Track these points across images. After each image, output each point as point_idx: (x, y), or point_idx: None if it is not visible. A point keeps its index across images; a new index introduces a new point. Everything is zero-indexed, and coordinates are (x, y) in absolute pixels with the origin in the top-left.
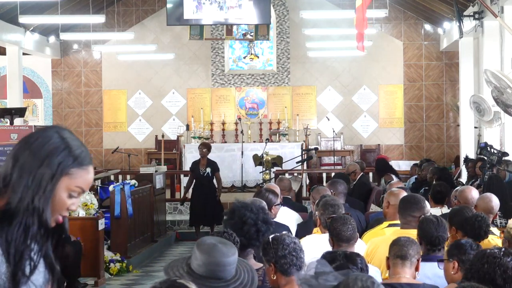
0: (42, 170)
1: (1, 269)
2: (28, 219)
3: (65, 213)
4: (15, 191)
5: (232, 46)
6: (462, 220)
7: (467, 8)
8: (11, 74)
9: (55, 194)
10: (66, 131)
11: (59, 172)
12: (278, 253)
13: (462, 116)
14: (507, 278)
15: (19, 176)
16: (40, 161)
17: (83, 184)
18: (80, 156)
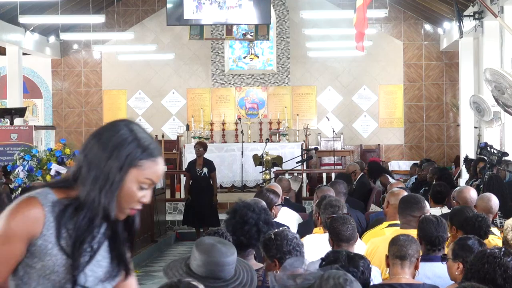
0: (110, 163)
1: (57, 258)
2: (93, 211)
3: (137, 206)
4: (84, 184)
5: (232, 46)
6: (463, 220)
7: (467, 8)
8: (11, 74)
9: (124, 186)
10: (135, 124)
11: (127, 164)
12: (283, 249)
13: (462, 116)
14: (507, 278)
15: (88, 169)
16: (109, 153)
17: (152, 175)
18: (148, 148)
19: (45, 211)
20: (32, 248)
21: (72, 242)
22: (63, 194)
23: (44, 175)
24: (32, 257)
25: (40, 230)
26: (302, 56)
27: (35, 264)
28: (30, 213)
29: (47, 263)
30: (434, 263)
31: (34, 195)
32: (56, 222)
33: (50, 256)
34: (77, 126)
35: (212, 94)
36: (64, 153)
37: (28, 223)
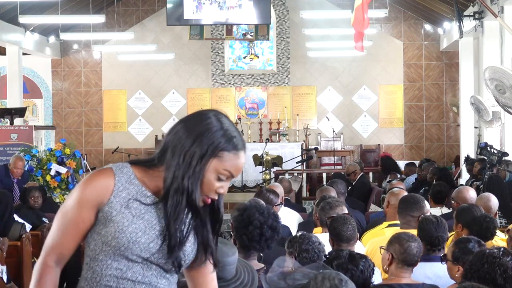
0: (193, 149)
1: (118, 225)
2: (178, 197)
3: (213, 196)
4: (168, 169)
5: (232, 46)
6: (471, 218)
7: (467, 8)
8: (11, 74)
9: (204, 175)
10: (223, 115)
11: (209, 153)
12: (302, 246)
13: (462, 116)
14: (507, 278)
15: (172, 154)
16: (192, 140)
17: (232, 168)
18: (232, 140)
19: (115, 180)
20: (100, 215)
21: (166, 230)
22: (142, 171)
23: (44, 175)
24: (99, 224)
25: (108, 197)
26: (302, 56)
27: (100, 231)
28: (101, 181)
29: (109, 229)
30: (434, 263)
31: (110, 166)
32: (128, 193)
33: (113, 223)
34: (77, 126)
35: (212, 94)
36: (64, 153)
37: (99, 190)
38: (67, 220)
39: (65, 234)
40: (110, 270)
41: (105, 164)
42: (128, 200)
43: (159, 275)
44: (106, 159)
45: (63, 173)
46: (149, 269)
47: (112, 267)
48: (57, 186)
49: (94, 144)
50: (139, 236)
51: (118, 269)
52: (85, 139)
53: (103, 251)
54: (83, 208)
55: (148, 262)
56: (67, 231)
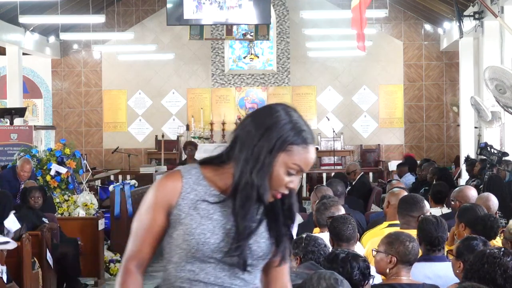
0: (261, 143)
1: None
2: (246, 193)
3: (284, 191)
4: (237, 164)
5: (232, 46)
6: (474, 218)
7: (467, 8)
8: (11, 74)
9: (273, 169)
10: (292, 109)
11: (277, 147)
12: (308, 248)
13: (462, 116)
14: (507, 278)
15: (240, 149)
16: (261, 134)
17: (301, 162)
18: (301, 134)
19: (183, 183)
20: (171, 218)
21: (234, 221)
22: (212, 170)
23: (44, 175)
24: (171, 227)
25: (176, 200)
26: (302, 56)
27: (172, 234)
28: (169, 184)
29: (179, 232)
30: (434, 263)
31: (178, 168)
32: (196, 195)
33: (182, 225)
34: (77, 126)
35: (212, 94)
36: (64, 153)
37: (167, 193)
38: (142, 225)
39: (142, 239)
40: (183, 272)
41: (105, 165)
42: (196, 201)
43: (232, 276)
44: (106, 159)
45: (63, 173)
46: (222, 270)
47: (185, 269)
48: (57, 186)
49: (94, 144)
50: (208, 237)
51: (191, 271)
52: (85, 139)
53: (177, 253)
54: (155, 212)
55: (220, 263)
56: (143, 236)
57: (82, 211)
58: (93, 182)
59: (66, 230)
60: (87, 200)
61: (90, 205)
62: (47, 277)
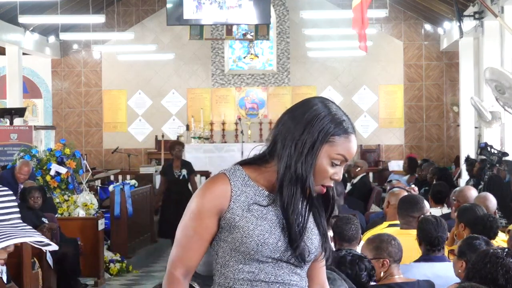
0: (303, 138)
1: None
2: (292, 187)
3: (329, 183)
4: (280, 160)
5: (232, 46)
6: (474, 218)
7: (467, 8)
8: (11, 74)
9: (317, 162)
10: (329, 101)
11: (320, 139)
12: None
13: (462, 116)
14: (509, 279)
15: (282, 145)
16: (302, 128)
17: (344, 152)
18: (342, 124)
19: (231, 186)
20: (223, 222)
21: (284, 217)
22: (254, 170)
23: (44, 175)
24: (223, 231)
25: (227, 204)
26: (302, 56)
27: (226, 238)
28: (217, 189)
29: (235, 236)
30: (434, 263)
31: (223, 171)
32: (247, 196)
33: (238, 229)
34: (77, 126)
35: (212, 94)
36: (64, 153)
37: (217, 198)
38: (190, 232)
39: (189, 246)
40: (242, 274)
41: (105, 165)
42: (248, 203)
43: (290, 272)
44: (106, 159)
45: (63, 173)
46: (280, 268)
47: (244, 271)
48: (57, 186)
49: (94, 144)
50: (266, 238)
51: (250, 272)
52: (85, 139)
53: (233, 257)
54: (204, 218)
55: (278, 261)
56: (191, 243)
57: (82, 211)
58: (93, 182)
59: (66, 230)
60: (87, 200)
61: (90, 205)
62: (47, 277)
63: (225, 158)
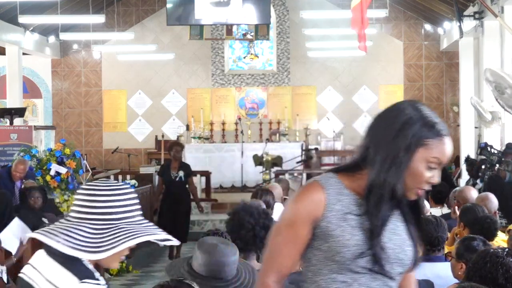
0: (397, 143)
1: (339, 240)
2: (380, 191)
3: (426, 187)
4: (373, 166)
5: (232, 46)
6: (473, 218)
7: (467, 8)
8: (11, 74)
9: (411, 166)
10: (420, 103)
11: (414, 143)
12: None
13: (462, 116)
14: (509, 278)
15: (375, 151)
16: (395, 133)
17: (439, 154)
18: (434, 127)
19: (326, 194)
20: (317, 230)
21: (370, 224)
22: (348, 178)
23: (44, 175)
24: (317, 240)
25: (322, 212)
26: (302, 56)
27: (320, 246)
28: (311, 197)
29: (331, 245)
30: (434, 263)
31: (316, 179)
32: (343, 205)
33: (334, 238)
34: (77, 126)
35: (212, 94)
36: (64, 153)
37: (311, 206)
38: (284, 240)
39: (283, 254)
40: (336, 283)
41: (105, 165)
42: (344, 212)
43: (383, 284)
44: (106, 159)
45: (63, 173)
46: (374, 279)
47: (337, 280)
48: (57, 186)
49: (94, 144)
50: (362, 249)
51: (344, 282)
52: (85, 139)
53: (327, 265)
54: (297, 226)
55: (373, 273)
56: (285, 250)
57: None
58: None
59: None
60: None
61: None
62: None
63: (225, 158)
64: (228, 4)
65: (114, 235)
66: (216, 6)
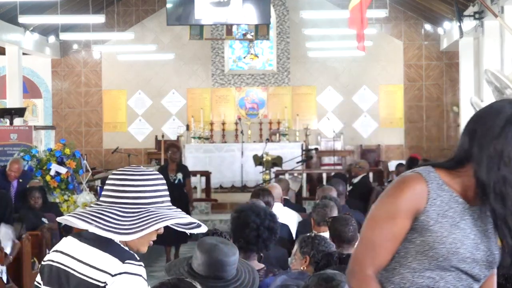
0: (502, 139)
1: (437, 235)
2: (502, 190)
3: None
4: (479, 163)
5: (232, 46)
6: None
7: (467, 8)
8: (10, 74)
9: None
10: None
11: None
12: (319, 248)
13: (462, 116)
14: (508, 278)
15: (479, 149)
16: (498, 130)
17: None
18: None
19: (428, 188)
20: (414, 223)
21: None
22: (447, 174)
23: (44, 175)
24: (412, 232)
25: (424, 205)
26: (302, 56)
27: (414, 239)
28: (416, 188)
29: (427, 239)
30: None
31: (418, 171)
32: (442, 201)
33: (431, 233)
34: (77, 126)
35: (212, 94)
36: (64, 153)
37: (414, 198)
38: (385, 232)
39: (382, 246)
40: (422, 278)
41: (105, 165)
42: (443, 208)
43: (467, 285)
44: (106, 159)
45: (63, 173)
46: (459, 280)
47: (425, 276)
48: (57, 186)
49: (94, 144)
50: (458, 247)
51: (431, 278)
52: (85, 139)
53: (416, 259)
54: (400, 218)
55: (460, 272)
56: (386, 243)
57: None
58: (93, 182)
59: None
60: (87, 200)
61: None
62: None
63: (225, 158)
64: (228, 4)
65: (144, 218)
66: (216, 6)
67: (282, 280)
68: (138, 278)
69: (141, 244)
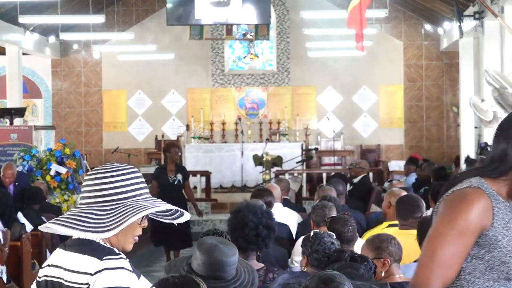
0: None
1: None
2: None
3: None
4: None
5: (232, 46)
6: None
7: (467, 8)
8: (10, 74)
9: None
10: None
11: None
12: (313, 247)
13: (462, 116)
14: None
15: None
16: None
17: None
18: None
19: (492, 202)
20: (481, 240)
21: None
22: (494, 184)
23: (44, 175)
24: (479, 249)
25: (491, 221)
26: (302, 56)
27: (482, 256)
28: (481, 204)
29: (497, 255)
30: None
31: (475, 185)
32: (503, 213)
33: (501, 248)
34: (77, 126)
35: (212, 94)
36: (64, 153)
37: (483, 214)
38: (454, 250)
39: (452, 265)
40: None
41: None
42: (505, 220)
43: None
44: (106, 159)
45: (63, 173)
46: None
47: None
48: (57, 186)
49: (94, 144)
50: None
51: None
52: (85, 139)
53: (486, 275)
54: (468, 236)
55: None
56: (454, 261)
57: None
58: None
59: None
60: None
61: None
62: None
63: (225, 158)
64: (228, 4)
65: (121, 212)
66: (216, 6)
67: (283, 278)
68: (120, 272)
69: (124, 241)
